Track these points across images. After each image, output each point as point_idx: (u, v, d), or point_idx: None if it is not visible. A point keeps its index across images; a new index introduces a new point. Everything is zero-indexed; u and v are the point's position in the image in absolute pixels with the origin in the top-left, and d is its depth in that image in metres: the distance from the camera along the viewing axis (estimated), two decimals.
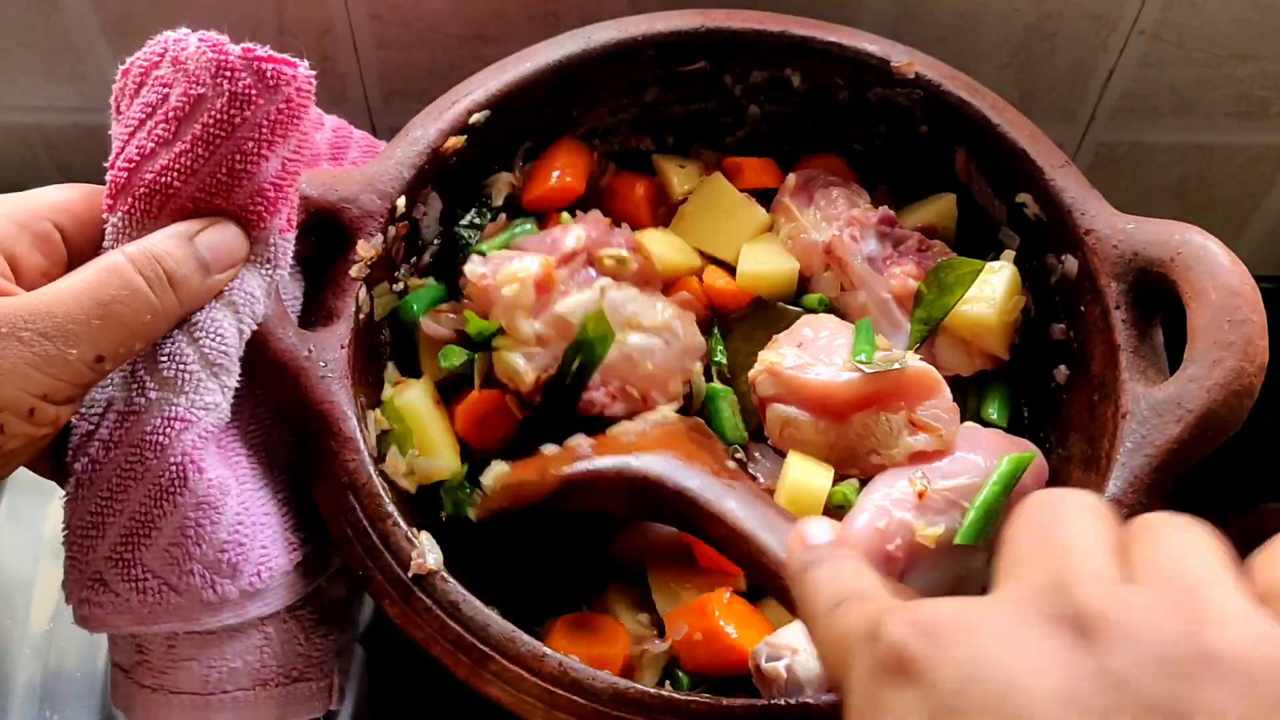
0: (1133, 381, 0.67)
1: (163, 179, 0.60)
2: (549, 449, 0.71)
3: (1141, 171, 1.01)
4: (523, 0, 0.88)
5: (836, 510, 0.71)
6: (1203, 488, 0.67)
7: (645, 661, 0.69)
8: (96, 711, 0.80)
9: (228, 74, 0.59)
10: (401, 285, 0.76)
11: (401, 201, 0.72)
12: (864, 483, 0.71)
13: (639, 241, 0.77)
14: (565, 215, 0.79)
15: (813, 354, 0.73)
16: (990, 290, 0.75)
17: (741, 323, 0.79)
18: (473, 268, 0.73)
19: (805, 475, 0.70)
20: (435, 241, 0.78)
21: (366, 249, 0.70)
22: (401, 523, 0.65)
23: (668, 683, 0.69)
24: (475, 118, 0.75)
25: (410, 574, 0.64)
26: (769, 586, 0.61)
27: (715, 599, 0.69)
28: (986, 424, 0.76)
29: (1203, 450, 0.64)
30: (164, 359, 0.61)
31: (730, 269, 0.80)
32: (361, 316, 0.70)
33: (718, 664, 0.68)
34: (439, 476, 0.72)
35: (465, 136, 0.75)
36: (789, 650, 0.65)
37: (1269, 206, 1.04)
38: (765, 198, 0.83)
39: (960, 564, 0.69)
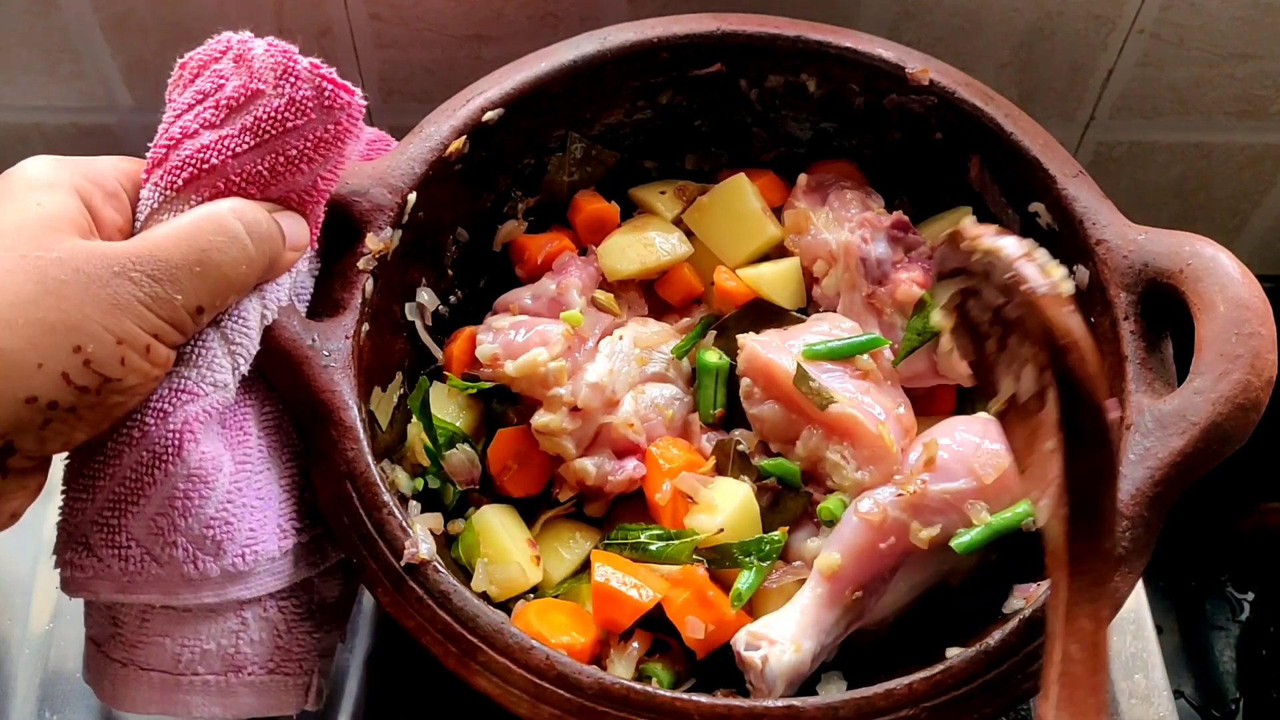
0: (1138, 393, 0.66)
1: (201, 155, 0.62)
2: None
3: (1141, 171, 1.01)
4: (522, 0, 0.88)
5: (828, 524, 0.71)
6: (1205, 487, 0.67)
7: (617, 655, 0.70)
8: (96, 711, 0.80)
9: (292, 79, 0.61)
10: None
11: (413, 197, 0.72)
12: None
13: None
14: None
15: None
16: None
17: (739, 322, 0.79)
18: (484, 349, 0.75)
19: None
20: (453, 248, 0.79)
21: (375, 242, 0.71)
22: (397, 512, 0.65)
23: (654, 680, 0.68)
24: (489, 115, 0.75)
25: (403, 563, 0.64)
26: None
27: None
28: None
29: (1208, 463, 0.63)
30: None
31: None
32: (368, 309, 0.71)
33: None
34: (519, 589, 0.73)
35: (467, 137, 0.75)
36: (767, 641, 0.66)
37: (1269, 206, 1.04)
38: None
39: (947, 563, 0.69)
